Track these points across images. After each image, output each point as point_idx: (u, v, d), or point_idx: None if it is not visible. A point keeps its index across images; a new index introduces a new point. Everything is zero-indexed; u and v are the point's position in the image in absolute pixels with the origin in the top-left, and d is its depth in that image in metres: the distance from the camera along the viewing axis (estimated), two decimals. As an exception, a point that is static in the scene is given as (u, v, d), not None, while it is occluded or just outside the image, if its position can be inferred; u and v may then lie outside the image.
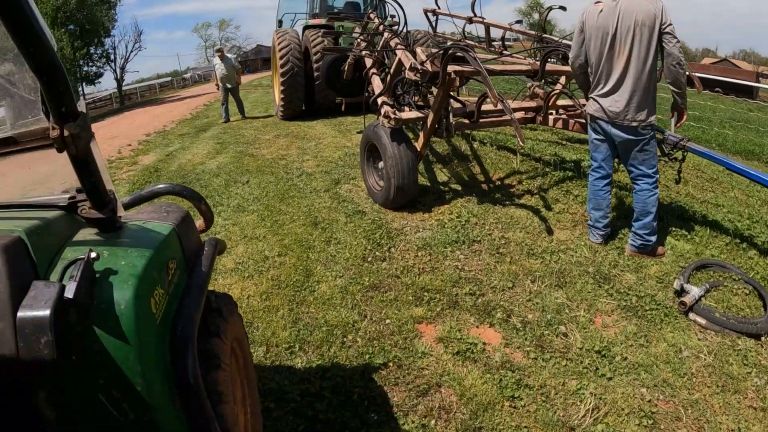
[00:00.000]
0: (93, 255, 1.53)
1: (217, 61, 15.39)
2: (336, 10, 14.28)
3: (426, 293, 4.41)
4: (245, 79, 27.62)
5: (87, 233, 1.84)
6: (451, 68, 5.28)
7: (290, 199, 7.01)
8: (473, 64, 5.00)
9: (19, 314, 1.46)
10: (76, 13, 38.77)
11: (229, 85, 15.36)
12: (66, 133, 1.35)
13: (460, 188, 6.83)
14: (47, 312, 1.42)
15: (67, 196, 2.05)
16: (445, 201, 6.39)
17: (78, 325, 1.51)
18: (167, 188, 2.33)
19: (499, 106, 4.80)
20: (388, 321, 4.06)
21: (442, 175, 7.39)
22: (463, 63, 5.33)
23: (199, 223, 2.39)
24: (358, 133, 10.48)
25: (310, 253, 5.32)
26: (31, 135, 1.61)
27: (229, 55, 15.69)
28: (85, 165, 1.54)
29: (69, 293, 1.43)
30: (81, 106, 1.40)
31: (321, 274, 4.88)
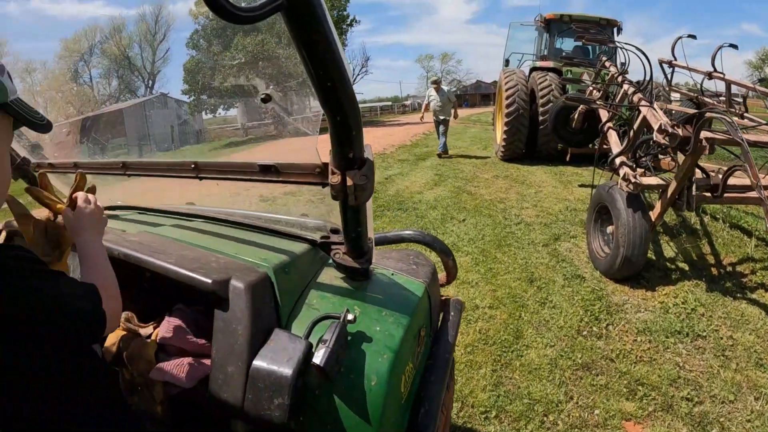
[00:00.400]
0: (350, 317, 1.34)
1: (432, 92, 14.69)
2: (565, 54, 13.56)
3: (640, 387, 3.83)
4: (463, 113, 27.69)
5: (332, 276, 1.67)
6: (704, 134, 4.64)
7: (506, 247, 6.70)
8: (732, 132, 4.34)
9: (255, 363, 1.30)
10: (310, 35, 43.22)
11: (441, 117, 14.60)
12: (349, 182, 1.17)
13: (687, 268, 6.05)
14: (288, 372, 1.25)
15: (316, 225, 1.93)
16: (671, 280, 5.67)
17: (316, 390, 1.34)
18: (416, 236, 2.14)
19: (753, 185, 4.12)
20: (595, 411, 3.58)
21: (668, 250, 6.63)
22: (711, 128, 4.70)
23: (441, 275, 2.18)
24: (579, 186, 9.92)
25: (523, 312, 4.95)
26: (297, 169, 1.47)
27: (445, 88, 14.94)
28: (355, 215, 1.36)
29: (318, 359, 1.24)
30: (368, 153, 1.21)
31: (531, 339, 4.50)
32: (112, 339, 1.76)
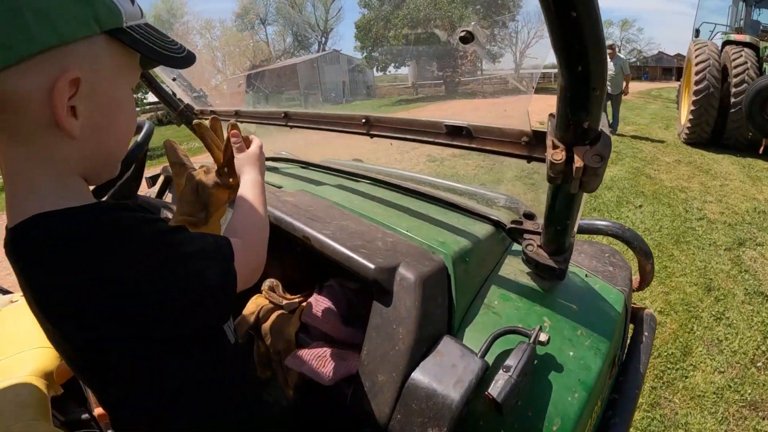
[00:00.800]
0: (542, 338, 1.03)
1: None
2: (763, 27, 11.80)
3: (807, 440, 3.25)
4: (642, 86, 25.64)
5: (517, 269, 1.37)
6: None
7: (685, 244, 6.00)
8: None
9: (414, 377, 1.03)
10: (486, -6, 43.32)
11: (609, 90, 12.71)
12: (577, 161, 0.84)
13: None
14: (455, 398, 0.97)
15: (502, 202, 1.64)
16: None
17: (480, 420, 1.05)
18: (614, 229, 1.74)
19: None
20: (754, 461, 3.06)
21: None
22: None
23: (634, 279, 1.80)
24: (771, 184, 8.78)
25: (696, 325, 4.36)
26: (496, 134, 1.14)
27: (621, 56, 13.27)
28: (568, 204, 1.03)
29: (495, 390, 0.94)
30: (604, 123, 0.88)
31: (700, 359, 3.94)
32: (252, 308, 1.60)
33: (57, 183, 0.78)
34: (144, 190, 2.59)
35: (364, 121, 1.51)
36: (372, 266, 1.11)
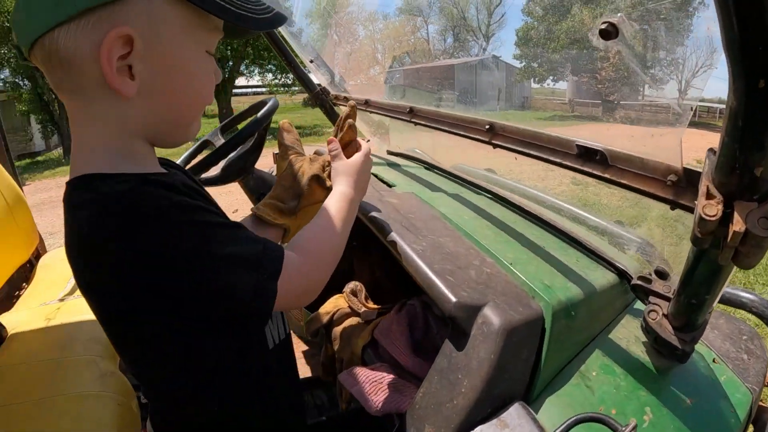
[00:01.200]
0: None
1: None
2: None
3: None
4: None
5: (631, 335, 1.13)
6: None
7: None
8: None
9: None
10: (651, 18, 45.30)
11: None
12: (737, 223, 0.60)
13: None
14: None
15: (635, 245, 1.41)
16: None
17: None
18: (760, 307, 1.38)
19: None
20: None
21: None
22: None
23: None
24: None
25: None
26: (636, 166, 0.90)
27: None
28: (713, 274, 0.79)
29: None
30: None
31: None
32: (329, 307, 1.51)
33: (113, 144, 0.76)
34: (268, 165, 2.60)
35: (488, 127, 1.32)
36: (453, 299, 0.91)
